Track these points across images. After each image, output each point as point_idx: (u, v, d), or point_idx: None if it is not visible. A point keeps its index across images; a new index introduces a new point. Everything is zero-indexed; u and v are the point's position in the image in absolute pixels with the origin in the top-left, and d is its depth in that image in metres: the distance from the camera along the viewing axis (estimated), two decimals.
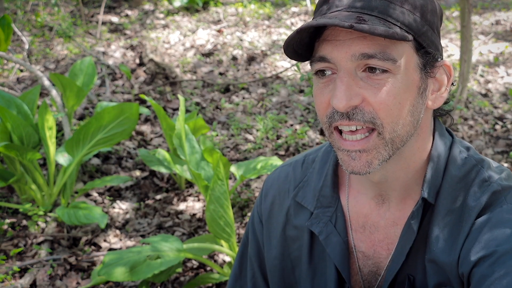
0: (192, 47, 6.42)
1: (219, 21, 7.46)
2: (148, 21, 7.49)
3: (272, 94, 5.17)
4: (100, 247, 3.06)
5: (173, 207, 3.44)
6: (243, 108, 4.90)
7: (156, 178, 3.79)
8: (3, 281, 2.66)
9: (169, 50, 6.31)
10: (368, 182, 1.18)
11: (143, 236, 3.16)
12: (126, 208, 3.44)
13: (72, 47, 6.24)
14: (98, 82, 5.30)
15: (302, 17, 7.64)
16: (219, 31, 6.95)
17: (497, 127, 4.41)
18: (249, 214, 3.31)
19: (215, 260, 2.92)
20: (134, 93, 5.04)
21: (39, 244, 3.01)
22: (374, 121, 1.02)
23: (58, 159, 3.25)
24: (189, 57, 6.07)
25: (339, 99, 1.01)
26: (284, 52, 1.06)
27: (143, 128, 4.45)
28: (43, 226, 3.17)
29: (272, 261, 1.32)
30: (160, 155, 3.19)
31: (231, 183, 3.69)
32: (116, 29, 7.14)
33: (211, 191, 2.35)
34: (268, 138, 4.30)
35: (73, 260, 2.90)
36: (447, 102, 1.15)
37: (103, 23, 7.25)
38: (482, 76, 5.49)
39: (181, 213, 3.38)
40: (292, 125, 4.53)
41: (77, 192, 3.48)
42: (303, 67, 5.34)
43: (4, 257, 2.86)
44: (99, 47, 6.31)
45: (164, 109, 4.80)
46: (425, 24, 1.04)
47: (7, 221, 3.18)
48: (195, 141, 2.93)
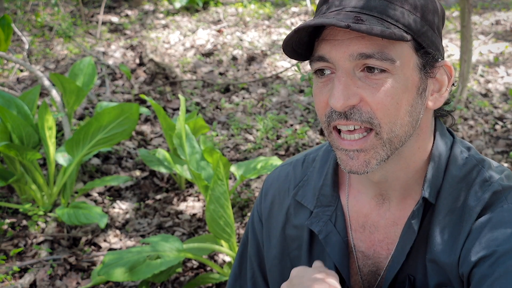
0: (192, 47, 6.42)
1: (219, 21, 7.46)
2: (148, 21, 7.48)
3: (272, 94, 5.17)
4: (100, 247, 3.06)
5: (173, 207, 3.44)
6: (243, 108, 4.90)
7: (156, 178, 3.79)
8: (3, 281, 2.66)
9: (169, 50, 6.31)
10: (368, 182, 1.17)
11: (143, 236, 3.16)
12: (126, 208, 3.44)
13: (72, 47, 6.24)
14: (98, 82, 5.29)
15: (302, 17, 7.63)
16: (219, 31, 6.95)
17: (497, 127, 4.41)
18: (249, 214, 3.31)
19: (215, 260, 2.92)
20: (134, 93, 5.03)
21: (39, 244, 3.01)
22: (371, 121, 1.02)
23: (58, 159, 3.25)
24: (189, 57, 6.07)
25: (337, 99, 1.01)
26: (283, 51, 1.06)
27: (143, 128, 4.45)
28: (43, 226, 3.17)
29: (272, 261, 1.31)
30: (160, 155, 3.20)
31: (231, 183, 3.69)
32: (116, 29, 7.14)
33: (211, 191, 2.35)
34: (268, 138, 4.30)
35: (73, 260, 2.90)
36: (447, 102, 1.14)
37: (103, 23, 7.25)
38: (482, 76, 5.49)
39: (181, 213, 3.37)
40: (292, 125, 4.53)
41: (77, 192, 3.48)
42: (303, 67, 5.34)
43: (4, 257, 2.86)
44: (99, 47, 6.31)
45: (164, 109, 4.80)
46: (425, 25, 1.04)
47: (7, 221, 3.18)
48: (195, 141, 2.93)
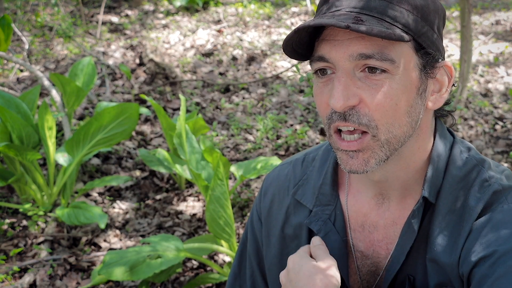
0: (192, 47, 6.42)
1: (219, 21, 7.46)
2: (148, 21, 7.49)
3: (272, 94, 5.17)
4: (100, 247, 3.06)
5: (173, 207, 3.44)
6: (243, 108, 4.90)
7: (156, 178, 3.79)
8: (3, 281, 2.66)
9: (169, 50, 6.31)
10: (368, 181, 1.17)
11: (143, 236, 3.16)
12: (126, 208, 3.44)
13: (72, 47, 6.24)
14: (98, 82, 5.29)
15: (302, 17, 7.63)
16: (219, 31, 6.95)
17: (497, 127, 4.41)
18: (249, 214, 3.30)
19: (215, 260, 2.92)
20: (134, 93, 5.03)
21: (39, 244, 3.01)
22: (368, 124, 1.02)
23: (58, 159, 3.25)
24: (189, 57, 6.07)
25: (337, 99, 1.01)
26: (283, 51, 1.06)
27: (143, 128, 4.45)
28: (43, 226, 3.17)
29: (271, 260, 1.31)
30: (160, 155, 3.20)
31: (231, 183, 3.69)
32: (116, 29, 7.14)
33: (211, 191, 2.36)
34: (268, 138, 4.30)
35: (73, 260, 2.90)
36: (447, 102, 1.14)
37: (103, 23, 7.25)
38: (482, 76, 5.49)
39: (181, 213, 3.38)
40: (292, 125, 4.53)
41: (77, 192, 3.48)
42: (302, 67, 5.34)
43: (4, 257, 2.86)
44: (99, 47, 6.31)
45: (164, 109, 4.80)
46: (425, 25, 1.03)
47: (7, 221, 3.19)
48: (195, 141, 2.93)
